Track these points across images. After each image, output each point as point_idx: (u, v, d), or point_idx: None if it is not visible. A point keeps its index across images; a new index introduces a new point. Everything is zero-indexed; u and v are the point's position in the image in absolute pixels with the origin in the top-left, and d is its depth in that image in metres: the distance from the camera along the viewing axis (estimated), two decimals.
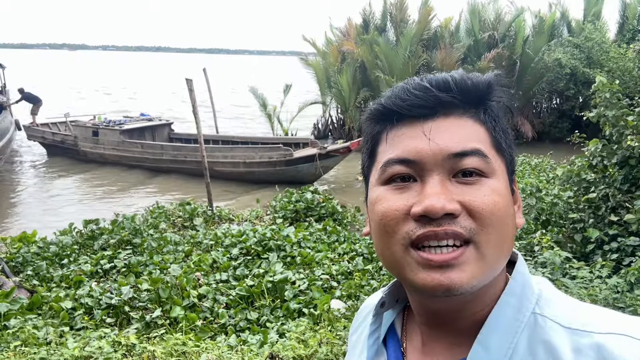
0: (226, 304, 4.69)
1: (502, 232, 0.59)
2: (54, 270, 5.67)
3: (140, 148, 13.09)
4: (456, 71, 0.64)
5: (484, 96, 0.63)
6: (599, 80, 5.03)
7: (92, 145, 13.83)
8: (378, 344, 0.72)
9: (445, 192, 0.57)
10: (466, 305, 0.62)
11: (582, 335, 0.55)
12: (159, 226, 7.20)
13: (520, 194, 0.69)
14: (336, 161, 11.84)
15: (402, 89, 0.63)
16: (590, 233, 4.56)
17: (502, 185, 0.60)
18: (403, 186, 0.61)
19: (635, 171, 4.76)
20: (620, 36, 18.65)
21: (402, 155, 0.61)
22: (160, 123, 15.00)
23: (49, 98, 31.48)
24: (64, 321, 4.21)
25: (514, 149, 0.66)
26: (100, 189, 11.81)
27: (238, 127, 21.94)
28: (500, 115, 0.65)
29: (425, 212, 0.56)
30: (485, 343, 0.59)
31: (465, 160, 0.59)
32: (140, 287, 4.72)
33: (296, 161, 11.27)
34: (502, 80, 0.65)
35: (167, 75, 61.07)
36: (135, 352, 2.89)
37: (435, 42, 17.72)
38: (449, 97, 0.61)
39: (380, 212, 0.61)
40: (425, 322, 0.67)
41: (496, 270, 0.60)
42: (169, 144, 13.50)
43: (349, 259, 5.86)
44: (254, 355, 2.98)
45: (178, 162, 12.54)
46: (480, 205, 0.57)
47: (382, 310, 0.72)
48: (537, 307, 0.60)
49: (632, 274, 3.34)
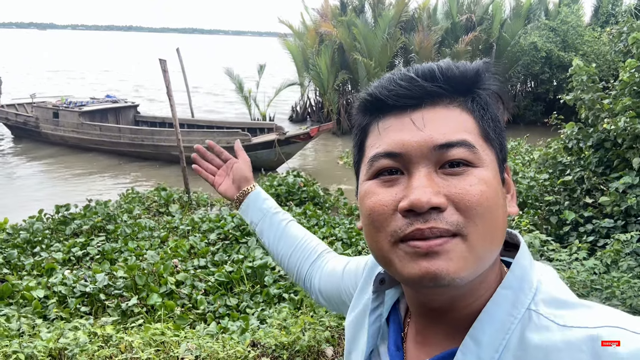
0: (205, 290, 4.62)
1: (491, 223, 0.57)
2: (25, 257, 5.48)
3: (98, 131, 12.71)
4: (444, 60, 0.63)
5: (472, 85, 0.62)
6: (575, 63, 5.07)
7: (52, 127, 13.44)
8: (380, 321, 0.72)
9: (431, 184, 0.57)
10: (459, 297, 0.61)
11: (575, 330, 0.54)
12: (133, 212, 7.03)
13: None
14: (298, 147, 11.64)
15: (388, 79, 0.63)
16: (566, 215, 4.64)
17: (490, 175, 0.59)
18: (391, 179, 0.60)
19: (610, 154, 4.85)
20: (594, 20, 18.93)
21: (388, 148, 0.60)
22: (125, 105, 14.56)
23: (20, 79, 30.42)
24: (37, 310, 4.08)
25: (504, 137, 0.65)
26: (64, 173, 11.51)
27: (215, 110, 21.60)
28: (490, 103, 0.63)
29: (411, 206, 0.56)
30: (477, 337, 0.58)
31: (452, 151, 0.58)
32: (115, 275, 4.61)
33: (254, 147, 11.01)
34: (491, 68, 0.64)
35: (140, 55, 59.52)
36: (112, 342, 2.81)
37: (413, 25, 17.66)
38: (435, 87, 0.60)
39: (368, 206, 0.61)
40: (418, 314, 0.67)
41: (487, 262, 0.59)
42: (127, 126, 13.06)
43: (329, 244, 5.84)
44: (235, 343, 2.93)
45: (135, 146, 12.22)
46: (467, 196, 0.56)
47: (382, 287, 0.72)
48: (532, 303, 0.58)
49: (609, 255, 3.40)
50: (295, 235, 1.13)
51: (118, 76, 34.90)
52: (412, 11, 18.01)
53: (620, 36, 5.87)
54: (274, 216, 1.16)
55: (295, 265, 1.11)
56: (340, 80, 17.11)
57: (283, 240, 1.13)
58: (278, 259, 1.15)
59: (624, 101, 4.64)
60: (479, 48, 17.75)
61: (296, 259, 1.11)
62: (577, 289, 2.97)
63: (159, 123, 14.10)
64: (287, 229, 1.15)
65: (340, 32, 16.73)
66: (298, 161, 13.29)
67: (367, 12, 18.28)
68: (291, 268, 1.12)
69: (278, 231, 1.14)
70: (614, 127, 4.56)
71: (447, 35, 17.53)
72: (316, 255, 1.09)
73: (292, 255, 1.11)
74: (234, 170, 1.22)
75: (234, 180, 1.21)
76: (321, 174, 11.40)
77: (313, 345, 3.02)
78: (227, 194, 1.21)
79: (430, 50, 16.67)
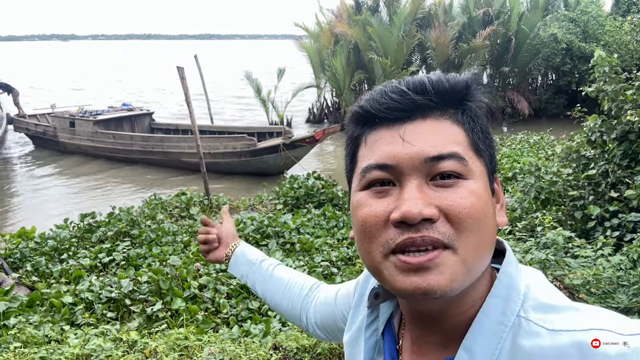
0: (227, 293, 4.66)
1: (481, 234, 0.59)
2: (53, 265, 5.63)
3: (112, 139, 12.94)
4: (434, 72, 0.64)
5: (462, 97, 0.63)
6: (597, 54, 4.95)
7: (69, 136, 13.75)
8: (377, 336, 0.73)
9: (423, 196, 0.57)
10: (450, 306, 0.62)
11: (564, 335, 0.54)
12: (156, 217, 7.15)
13: (519, 175, 0.67)
14: (304, 151, 11.46)
15: (380, 92, 0.64)
16: (591, 210, 4.53)
17: (480, 186, 0.60)
18: (382, 190, 0.61)
19: (635, 146, 4.71)
20: (615, 9, 18.45)
21: (379, 160, 0.61)
22: (141, 113, 14.77)
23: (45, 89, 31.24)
24: (65, 317, 4.19)
25: (494, 149, 0.66)
26: (83, 182, 11.79)
27: (234, 115, 21.79)
28: (480, 115, 0.65)
29: (402, 218, 0.56)
30: (470, 348, 0.59)
31: (442, 164, 0.59)
32: (140, 280, 4.69)
33: (260, 152, 10.96)
34: (480, 80, 0.65)
35: (159, 63, 60.49)
36: (137, 348, 2.86)
37: (429, 21, 17.50)
38: (426, 100, 0.61)
39: (360, 217, 0.61)
40: (412, 322, 0.68)
41: (477, 272, 0.60)
42: (139, 134, 13.22)
43: (348, 244, 5.84)
44: (257, 347, 2.96)
45: (146, 153, 12.35)
46: (457, 208, 0.57)
47: (376, 302, 0.73)
48: (522, 310, 0.59)
49: (635, 250, 3.31)
50: (282, 277, 1.15)
51: (137, 84, 35.53)
52: (428, 7, 17.85)
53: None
54: (261, 264, 1.18)
55: (288, 304, 1.11)
56: (357, 80, 17.07)
57: (272, 284, 1.15)
58: (273, 304, 1.16)
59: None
60: (497, 42, 17.48)
61: (288, 298, 1.12)
62: (603, 286, 2.90)
63: (173, 130, 14.28)
64: (274, 273, 1.16)
65: (355, 32, 16.69)
66: (317, 163, 13.32)
67: (382, 11, 18.20)
68: (285, 308, 1.13)
69: (266, 277, 1.16)
70: (637, 118, 4.43)
71: (464, 30, 17.32)
72: (307, 289, 1.10)
73: (284, 296, 1.12)
74: (222, 232, 1.25)
75: (221, 241, 1.24)
76: (339, 174, 11.39)
77: (335, 347, 3.02)
78: (218, 259, 1.24)
79: (447, 46, 16.50)
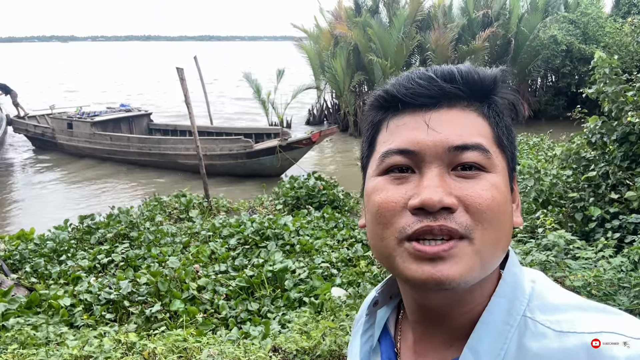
0: (226, 295, 4.65)
1: (499, 229, 0.58)
2: (52, 266, 5.61)
3: (109, 140, 12.90)
4: (464, 64, 0.63)
5: (489, 91, 0.63)
6: (598, 55, 4.94)
7: (67, 137, 13.74)
8: (372, 342, 0.72)
9: (443, 185, 0.57)
10: (459, 301, 0.61)
11: (572, 337, 0.54)
12: (155, 218, 7.13)
13: (518, 177, 0.67)
14: (301, 153, 11.37)
15: (406, 77, 0.63)
16: (591, 211, 4.52)
17: (501, 181, 0.59)
18: (401, 177, 0.60)
19: (636, 148, 4.71)
20: (615, 10, 18.46)
21: (401, 145, 0.60)
22: (139, 114, 14.72)
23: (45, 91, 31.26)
24: (64, 318, 4.17)
25: (515, 148, 0.66)
26: (83, 185, 11.77)
27: (233, 117, 21.78)
28: (504, 111, 0.64)
29: (422, 204, 0.55)
30: (475, 348, 0.58)
31: (466, 154, 0.58)
32: (139, 281, 4.67)
33: (257, 153, 10.89)
34: (508, 77, 0.65)
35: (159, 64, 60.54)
36: (136, 349, 2.84)
37: (428, 23, 17.50)
38: (453, 88, 0.60)
39: (377, 202, 0.60)
40: (417, 320, 0.67)
41: (490, 267, 0.59)
42: (136, 135, 13.17)
43: (348, 246, 5.82)
44: (256, 349, 2.94)
45: (143, 155, 12.31)
46: (478, 200, 0.57)
47: (375, 308, 0.73)
48: (527, 310, 0.59)
49: (636, 252, 3.30)
50: None
51: (136, 85, 35.52)
52: (428, 9, 17.85)
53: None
54: None
55: None
56: (356, 81, 17.06)
57: None
58: None
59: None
60: (496, 44, 17.49)
61: None
62: (604, 287, 2.89)
63: (171, 131, 14.24)
64: None
65: (355, 34, 16.69)
66: (318, 164, 13.30)
67: (381, 12, 18.21)
68: None
69: None
70: (638, 120, 4.43)
71: (463, 32, 17.32)
72: None
73: None
74: None
75: None
76: (342, 177, 11.36)
77: (334, 349, 3.00)
78: None
79: (447, 48, 16.50)
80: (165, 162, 12.16)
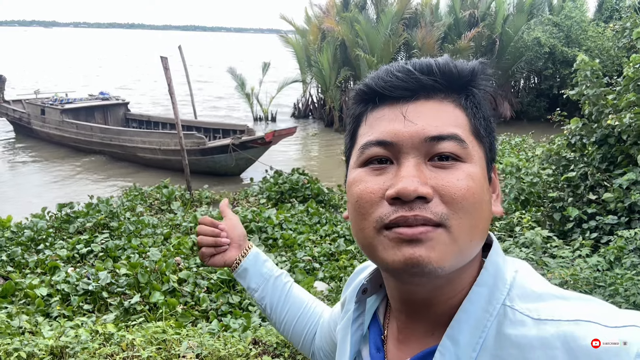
0: (207, 288, 4.62)
1: (475, 218, 0.58)
2: (29, 255, 5.50)
3: (75, 129, 12.69)
4: (442, 57, 0.64)
5: (467, 82, 0.63)
6: (580, 58, 5.03)
7: (40, 123, 13.57)
8: (362, 330, 0.73)
9: (419, 175, 0.58)
10: (440, 290, 0.62)
11: (549, 325, 0.54)
12: (136, 209, 7.04)
13: (500, 175, 0.67)
14: (258, 153, 10.87)
15: (385, 70, 0.64)
16: (569, 212, 4.61)
17: (477, 171, 0.60)
18: (380, 168, 0.61)
19: (614, 150, 4.81)
20: (598, 15, 18.79)
21: (380, 137, 0.61)
22: (115, 103, 14.46)
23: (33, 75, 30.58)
24: (40, 308, 4.09)
25: (494, 138, 0.66)
26: (58, 171, 11.58)
27: (217, 107, 21.59)
28: (483, 103, 0.65)
29: (397, 194, 0.56)
30: (454, 337, 0.59)
31: (442, 144, 0.59)
32: (118, 272, 4.61)
33: (211, 151, 10.48)
34: (487, 69, 0.65)
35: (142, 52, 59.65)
36: (114, 340, 2.81)
37: (416, 21, 17.57)
38: (431, 81, 0.61)
39: (356, 193, 0.61)
40: (400, 309, 0.68)
41: (468, 255, 0.60)
42: (98, 125, 12.86)
43: (331, 241, 5.84)
44: (236, 341, 2.93)
45: (104, 145, 12.08)
46: (453, 189, 0.57)
47: (364, 296, 0.74)
48: (507, 299, 0.59)
49: (612, 252, 3.38)
50: (300, 300, 1.06)
51: (119, 74, 34.95)
52: (415, 7, 17.92)
53: (624, 32, 5.83)
54: (277, 279, 1.06)
55: (302, 332, 1.03)
56: (343, 76, 17.06)
57: (288, 306, 1.04)
58: (281, 326, 1.06)
59: (628, 97, 4.60)
60: (481, 44, 17.66)
61: (303, 325, 1.03)
62: (580, 286, 2.95)
63: (146, 122, 13.98)
64: (291, 293, 1.06)
65: (342, 29, 16.68)
66: (301, 159, 13.29)
67: (369, 9, 18.22)
68: (296, 335, 1.04)
69: (282, 296, 1.05)
70: (618, 123, 4.52)
71: (449, 31, 17.44)
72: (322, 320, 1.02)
73: (298, 322, 1.04)
74: (230, 232, 1.06)
75: (232, 240, 1.06)
76: (323, 172, 11.36)
77: None
78: (227, 263, 1.06)
79: (433, 47, 16.59)
80: (124, 154, 11.85)
